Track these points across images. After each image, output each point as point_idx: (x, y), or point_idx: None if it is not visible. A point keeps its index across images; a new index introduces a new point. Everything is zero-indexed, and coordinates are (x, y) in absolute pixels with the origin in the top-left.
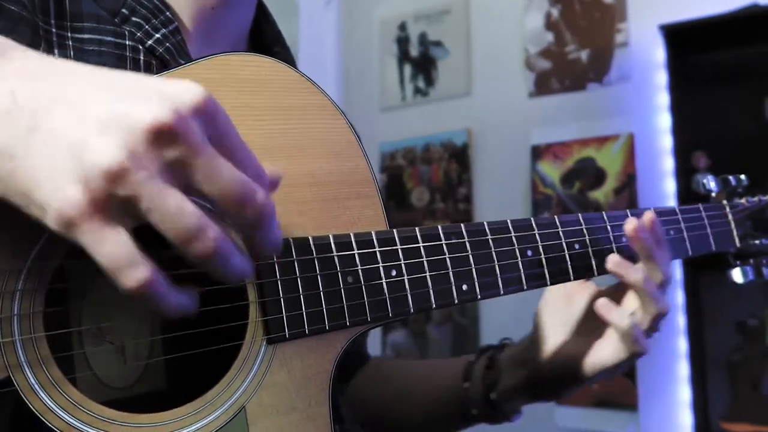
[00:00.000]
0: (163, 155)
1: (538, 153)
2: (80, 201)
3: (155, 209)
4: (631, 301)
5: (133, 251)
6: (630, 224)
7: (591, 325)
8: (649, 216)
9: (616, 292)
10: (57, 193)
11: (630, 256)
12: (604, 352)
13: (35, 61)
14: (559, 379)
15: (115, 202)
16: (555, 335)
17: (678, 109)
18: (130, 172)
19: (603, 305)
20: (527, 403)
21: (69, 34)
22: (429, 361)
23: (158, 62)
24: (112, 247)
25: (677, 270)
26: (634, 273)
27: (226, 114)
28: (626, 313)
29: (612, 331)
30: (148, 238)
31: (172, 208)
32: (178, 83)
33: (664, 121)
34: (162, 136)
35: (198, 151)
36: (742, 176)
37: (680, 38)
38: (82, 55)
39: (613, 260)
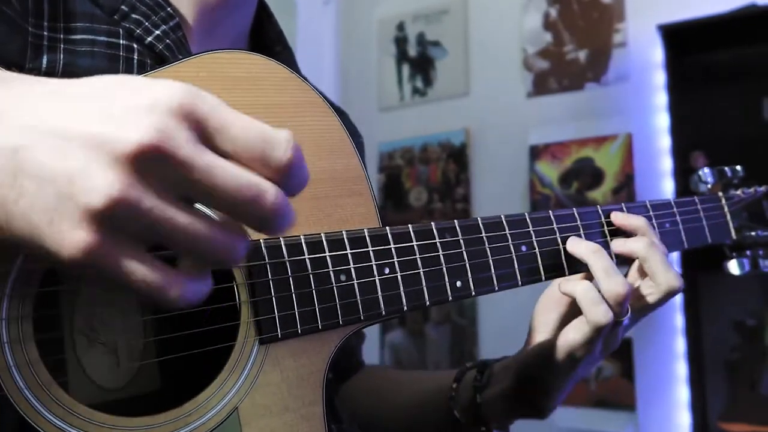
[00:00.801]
0: (155, 176)
1: (536, 153)
2: (89, 243)
3: (164, 234)
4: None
5: (162, 271)
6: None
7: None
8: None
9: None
10: (63, 241)
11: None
12: (567, 330)
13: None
14: (539, 377)
15: (124, 233)
16: (541, 336)
17: (676, 109)
18: (126, 204)
19: (563, 281)
20: (511, 417)
21: (61, 36)
22: (426, 371)
23: (157, 59)
24: (139, 276)
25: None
26: (583, 248)
27: (213, 99)
28: (585, 284)
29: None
30: None
31: (181, 231)
32: (153, 88)
33: (662, 121)
34: (149, 158)
35: (191, 165)
36: (738, 167)
37: (678, 38)
38: (73, 57)
39: (570, 243)
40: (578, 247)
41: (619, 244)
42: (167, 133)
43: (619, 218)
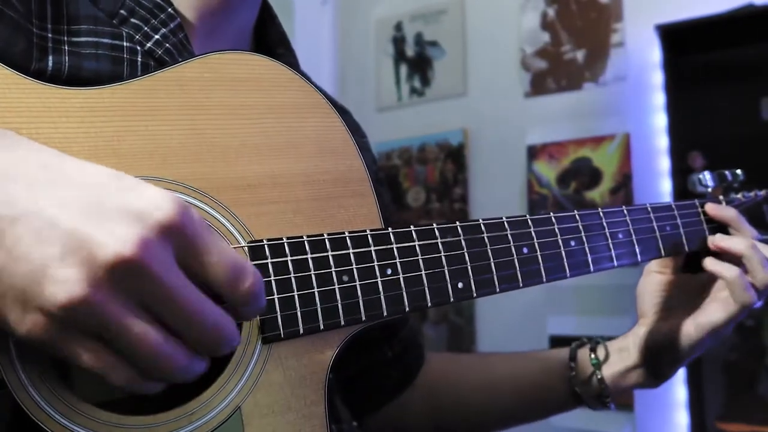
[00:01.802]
0: (125, 286)
1: (534, 153)
2: (43, 331)
3: (117, 340)
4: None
5: (108, 360)
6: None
7: (691, 304)
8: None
9: (711, 276)
10: (21, 320)
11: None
12: (710, 310)
13: (4, 157)
14: (668, 351)
15: (78, 327)
16: (658, 316)
17: (674, 109)
18: (86, 307)
19: (711, 261)
20: (635, 387)
21: (65, 38)
22: (502, 353)
23: (157, 65)
24: (85, 361)
25: None
26: (737, 243)
27: (200, 223)
28: (736, 269)
29: (716, 292)
30: None
31: (134, 340)
32: (147, 194)
33: (659, 121)
34: (124, 270)
35: (161, 284)
36: (738, 171)
37: (676, 38)
38: (78, 59)
39: (713, 240)
40: (733, 243)
41: (720, 239)
42: (148, 249)
43: (712, 210)
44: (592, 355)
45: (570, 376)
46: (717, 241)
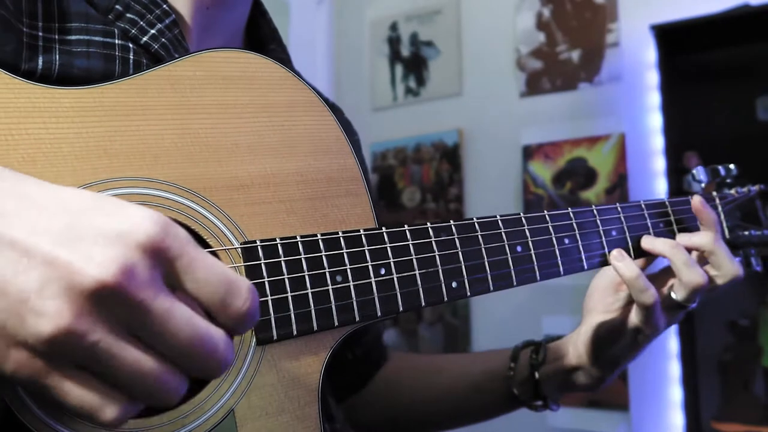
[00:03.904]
0: (108, 311)
1: (529, 153)
2: (27, 366)
3: (107, 371)
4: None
5: (99, 394)
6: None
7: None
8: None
9: (659, 276)
10: (7, 359)
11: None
12: (633, 312)
13: None
14: (606, 351)
15: (65, 360)
16: (603, 317)
17: (669, 109)
18: (71, 337)
19: (613, 258)
20: (574, 389)
21: (56, 37)
22: (459, 354)
23: (153, 59)
24: (73, 399)
25: None
26: (660, 244)
27: (183, 236)
28: (635, 265)
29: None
30: None
31: (125, 369)
32: (126, 214)
33: (655, 121)
34: (107, 296)
35: (147, 309)
36: (732, 166)
37: (671, 38)
38: (69, 57)
39: (642, 243)
40: (655, 244)
41: (685, 239)
42: (130, 272)
43: (695, 205)
44: (533, 356)
45: (508, 377)
46: (643, 243)
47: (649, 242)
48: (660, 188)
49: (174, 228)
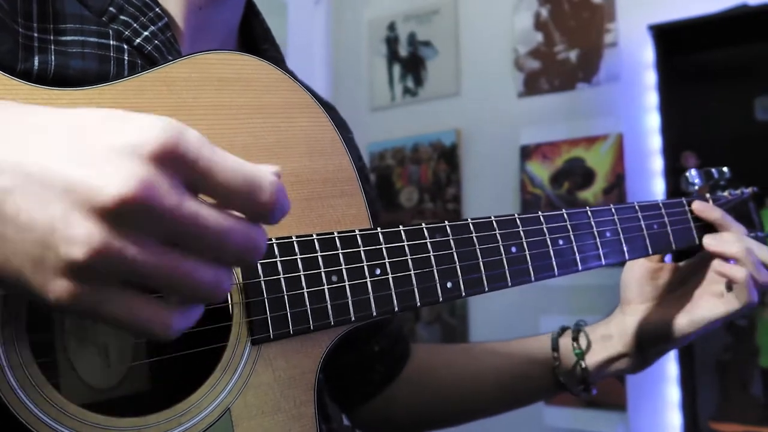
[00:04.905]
0: (137, 224)
1: (527, 153)
2: (71, 292)
3: (147, 278)
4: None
5: (148, 309)
6: (696, 204)
7: (678, 294)
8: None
9: (697, 267)
10: (47, 288)
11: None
12: (707, 306)
13: None
14: (657, 341)
15: (106, 280)
16: (645, 306)
17: (667, 109)
18: (106, 256)
19: (719, 263)
20: (618, 374)
21: (52, 37)
22: (487, 343)
23: (146, 61)
24: (124, 317)
25: None
26: (732, 247)
27: (197, 139)
28: (744, 270)
29: (708, 285)
30: None
31: (165, 275)
32: (136, 125)
33: (653, 121)
34: (132, 210)
35: (176, 216)
36: (725, 168)
37: (669, 38)
38: (65, 58)
39: (707, 246)
40: (726, 246)
41: (714, 244)
42: (149, 182)
43: (699, 208)
44: (575, 344)
45: (554, 366)
46: (712, 246)
47: (719, 245)
48: (658, 188)
49: (186, 131)
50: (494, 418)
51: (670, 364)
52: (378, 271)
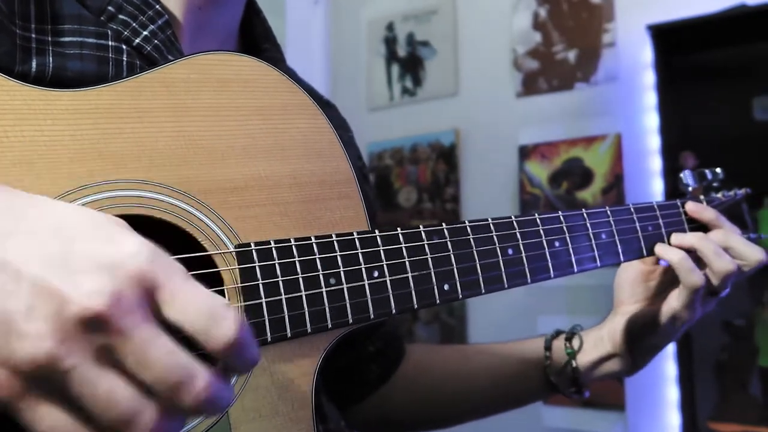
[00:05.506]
0: (95, 341)
1: (525, 153)
2: (9, 387)
3: (84, 397)
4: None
5: (73, 425)
6: (690, 206)
7: (665, 295)
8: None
9: None
10: None
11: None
12: (671, 297)
13: None
14: (644, 340)
15: (44, 387)
16: (635, 307)
17: (665, 109)
18: (52, 363)
19: (659, 246)
20: (610, 376)
21: (49, 39)
22: (482, 344)
23: (145, 62)
24: (47, 426)
25: None
26: (688, 238)
27: (173, 267)
28: (681, 253)
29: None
30: None
31: (102, 397)
32: (122, 247)
33: (651, 121)
34: (93, 325)
35: (128, 337)
36: (718, 169)
37: (668, 38)
38: (62, 60)
39: (671, 240)
40: (684, 238)
41: (675, 237)
42: (117, 301)
43: (692, 209)
44: (567, 345)
45: (545, 366)
46: (672, 239)
47: (678, 238)
48: (656, 188)
49: (164, 259)
50: (492, 418)
51: (668, 364)
52: (376, 274)
